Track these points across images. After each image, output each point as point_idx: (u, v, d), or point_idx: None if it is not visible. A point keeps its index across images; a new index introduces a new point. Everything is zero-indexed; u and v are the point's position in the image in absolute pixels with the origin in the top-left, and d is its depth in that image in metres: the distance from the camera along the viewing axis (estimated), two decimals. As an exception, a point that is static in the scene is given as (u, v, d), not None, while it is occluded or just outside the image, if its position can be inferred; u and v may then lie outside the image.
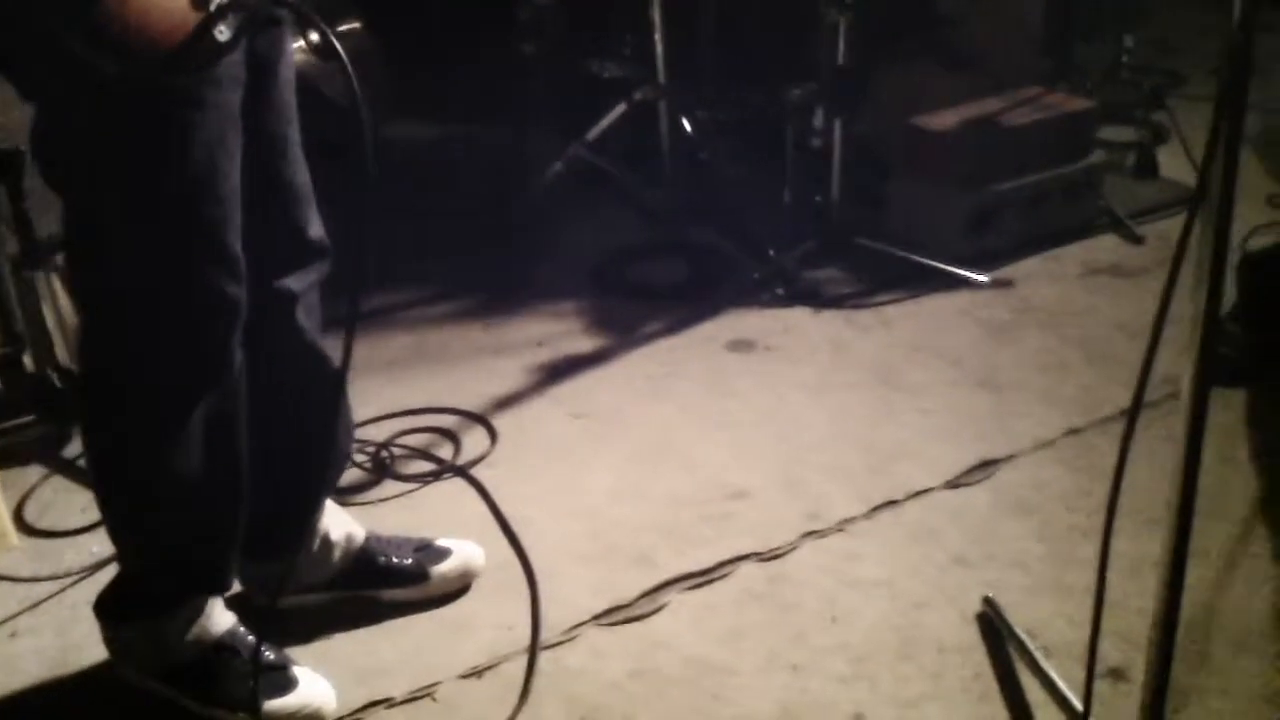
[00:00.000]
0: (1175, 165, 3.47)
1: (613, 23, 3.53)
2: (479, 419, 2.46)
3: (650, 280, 3.01)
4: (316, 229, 1.71)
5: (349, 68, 1.34)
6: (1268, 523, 2.09)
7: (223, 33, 1.30)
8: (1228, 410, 2.41)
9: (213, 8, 1.28)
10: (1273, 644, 1.83)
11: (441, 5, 3.76)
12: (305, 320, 1.73)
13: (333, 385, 1.58)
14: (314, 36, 2.91)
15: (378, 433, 2.41)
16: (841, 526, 2.11)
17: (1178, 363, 2.67)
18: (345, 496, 2.20)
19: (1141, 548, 1.95)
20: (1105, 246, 3.11)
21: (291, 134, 1.65)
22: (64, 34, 1.24)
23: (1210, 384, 1.29)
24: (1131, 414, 1.23)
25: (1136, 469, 1.85)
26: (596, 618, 1.91)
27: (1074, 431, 2.33)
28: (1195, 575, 1.94)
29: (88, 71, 1.27)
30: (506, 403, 2.52)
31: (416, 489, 2.26)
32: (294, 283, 1.69)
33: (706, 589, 1.97)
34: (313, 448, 1.77)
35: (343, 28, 3.21)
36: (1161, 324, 1.19)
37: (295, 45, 1.72)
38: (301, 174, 1.68)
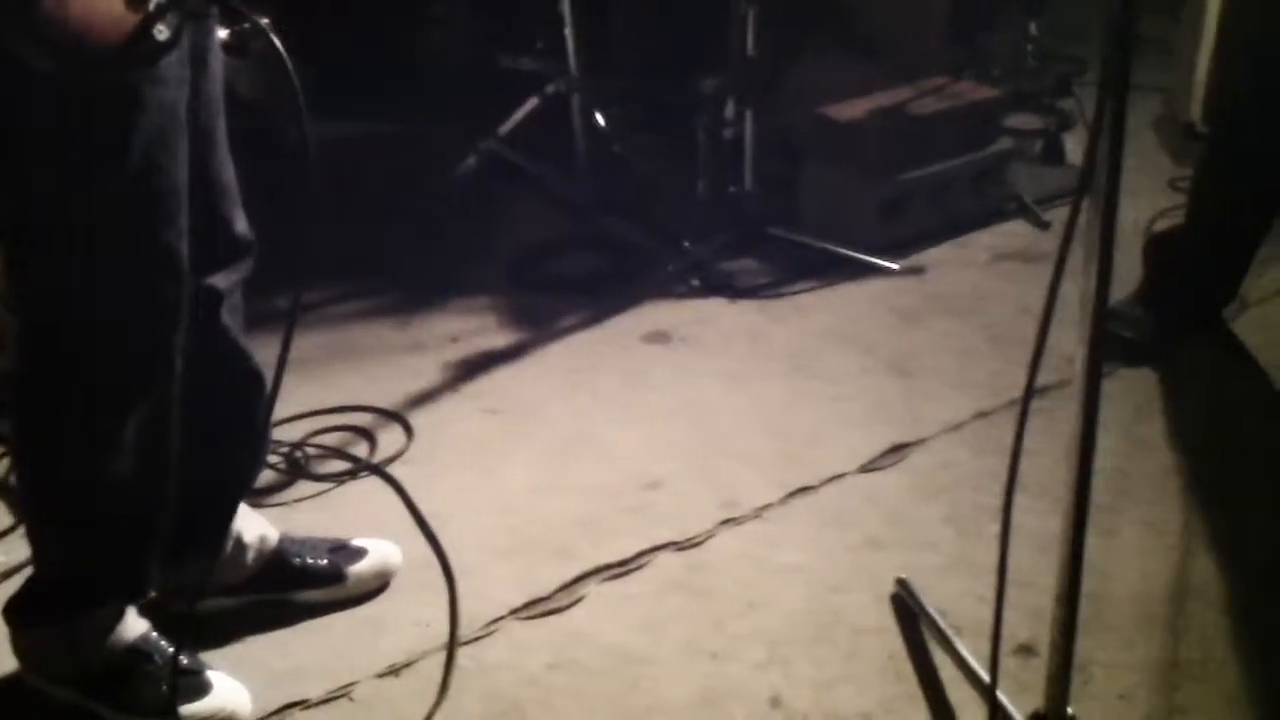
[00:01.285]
0: (1080, 151, 3.54)
1: (524, 16, 3.51)
2: (395, 416, 2.44)
3: (566, 274, 3.01)
4: (242, 225, 1.69)
5: (290, 68, 1.33)
6: (1174, 500, 2.15)
7: (162, 32, 1.29)
8: (1135, 390, 2.47)
9: (152, 7, 1.27)
10: (1177, 616, 1.88)
11: (353, 2, 3.71)
12: (229, 319, 1.71)
13: (253, 385, 1.56)
14: (223, 33, 2.87)
15: (292, 432, 2.38)
16: (758, 513, 2.13)
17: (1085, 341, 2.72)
18: (259, 498, 2.17)
19: (1049, 526, 1.96)
20: (1013, 232, 3.16)
21: (219, 128, 1.63)
22: (4, 35, 1.22)
23: (1101, 364, 1.31)
24: (1025, 397, 1.25)
25: (1044, 449, 1.90)
26: (515, 611, 1.91)
27: (982, 414, 2.37)
28: (1104, 552, 2.00)
29: (27, 72, 1.25)
30: (422, 400, 2.50)
31: (332, 489, 2.24)
32: (220, 281, 1.67)
33: (625, 579, 1.98)
34: (232, 449, 1.75)
35: (249, 25, 3.15)
36: (1051, 308, 1.22)
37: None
38: (228, 169, 1.66)
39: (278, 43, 1.33)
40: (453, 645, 1.83)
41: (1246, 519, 2.09)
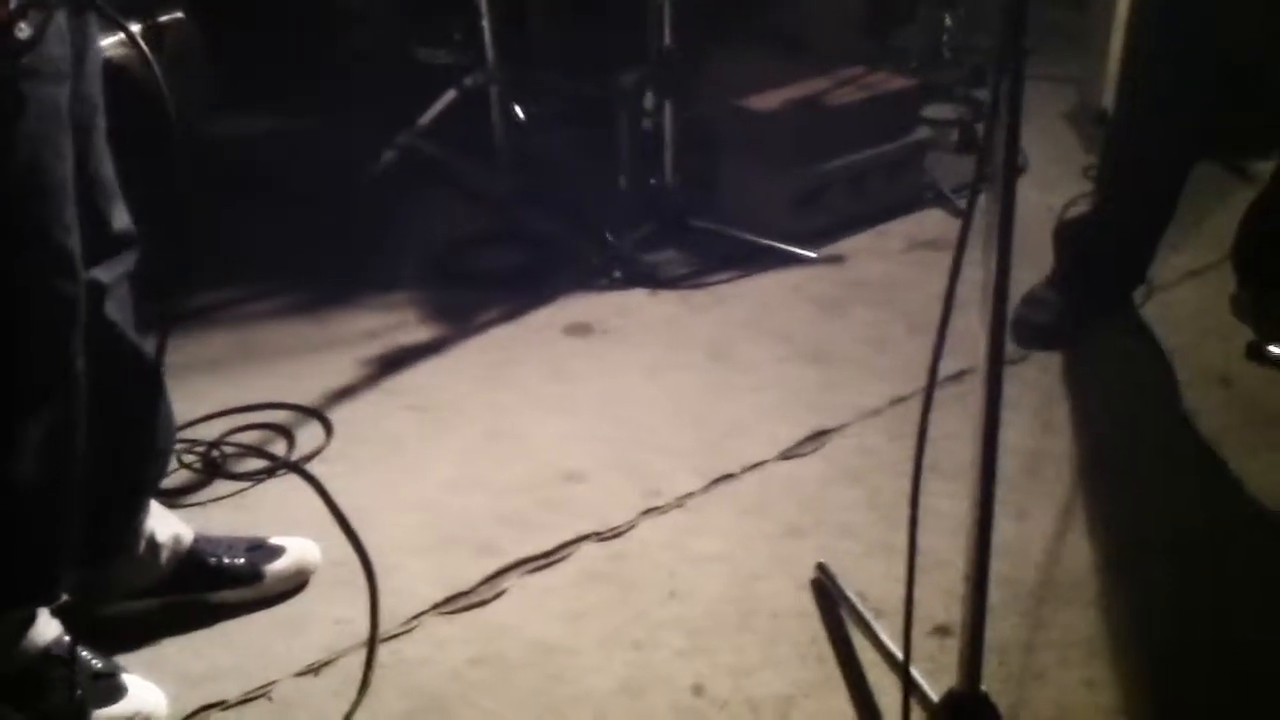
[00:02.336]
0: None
1: (441, 9, 3.49)
2: (314, 414, 2.42)
3: (487, 268, 3.00)
4: (122, 220, 1.67)
5: (150, 57, 1.31)
6: (1086, 481, 2.19)
7: (23, 30, 1.27)
8: (1046, 374, 2.52)
9: (13, 5, 1.25)
10: (1091, 595, 1.92)
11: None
12: (116, 314, 1.68)
13: (149, 381, 1.53)
14: (134, 28, 2.82)
15: (208, 431, 2.35)
16: (679, 503, 2.14)
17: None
18: (174, 498, 2.14)
19: (964, 509, 2.00)
20: (930, 221, 3.20)
21: (99, 125, 1.61)
22: None
23: (1003, 349, 1.34)
24: (929, 384, 1.27)
25: (959, 432, 1.91)
26: (436, 607, 1.90)
27: (899, 400, 2.40)
28: (1019, 534, 2.04)
29: None
30: (341, 397, 2.48)
31: (249, 487, 2.21)
32: (102, 274, 1.64)
33: (547, 572, 1.98)
34: (131, 447, 1.72)
35: (164, 18, 3.10)
36: (952, 294, 1.24)
37: (113, 39, 1.68)
38: (106, 166, 1.63)
39: (145, 48, 1.32)
40: (373, 642, 1.82)
41: (1152, 497, 2.14)
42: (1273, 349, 2.50)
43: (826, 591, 1.90)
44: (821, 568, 1.93)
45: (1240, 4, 2.35)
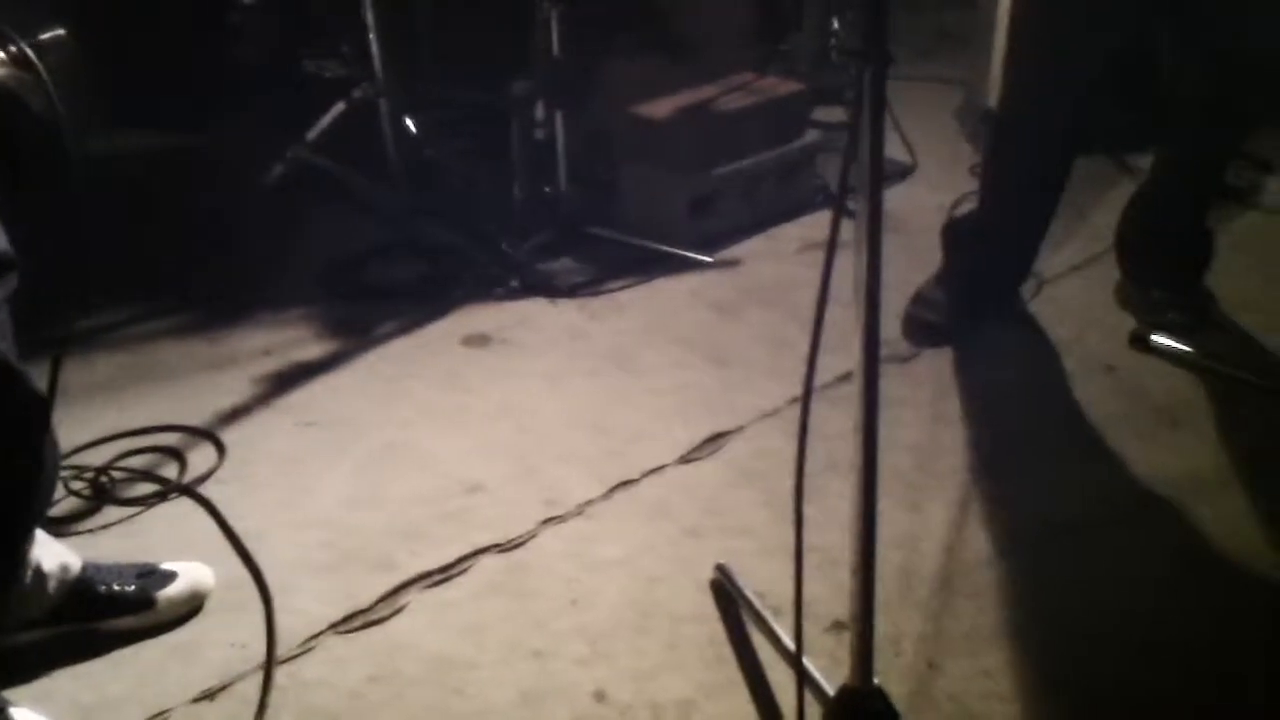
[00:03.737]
0: (888, 143, 3.64)
1: (329, 22, 3.46)
2: (205, 435, 2.37)
3: (382, 281, 2.97)
4: (0, 242, 1.62)
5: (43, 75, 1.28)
6: (979, 472, 2.23)
7: None
8: (937, 370, 2.56)
9: None
10: (986, 585, 1.95)
11: (151, 11, 3.59)
12: (-6, 338, 1.63)
13: (33, 407, 1.49)
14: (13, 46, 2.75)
15: (97, 457, 2.29)
16: (580, 510, 2.14)
17: (892, 326, 2.82)
18: (62, 526, 2.10)
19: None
20: (822, 222, 3.24)
21: None
22: None
23: (878, 346, 1.36)
24: (807, 383, 1.29)
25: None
26: (334, 626, 1.87)
27: (796, 400, 2.43)
28: (914, 527, 2.08)
29: None
30: (234, 416, 2.43)
31: (140, 513, 2.16)
32: None
33: (446, 586, 1.96)
34: (14, 475, 1.67)
35: (45, 37, 3.02)
36: (825, 294, 1.26)
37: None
38: None
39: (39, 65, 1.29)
40: (269, 665, 1.79)
41: (1045, 485, 2.19)
42: (1155, 338, 2.57)
43: (726, 592, 1.91)
44: (721, 569, 1.94)
45: (1109, 2, 2.42)
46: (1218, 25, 2.37)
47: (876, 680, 1.51)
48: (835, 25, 3.89)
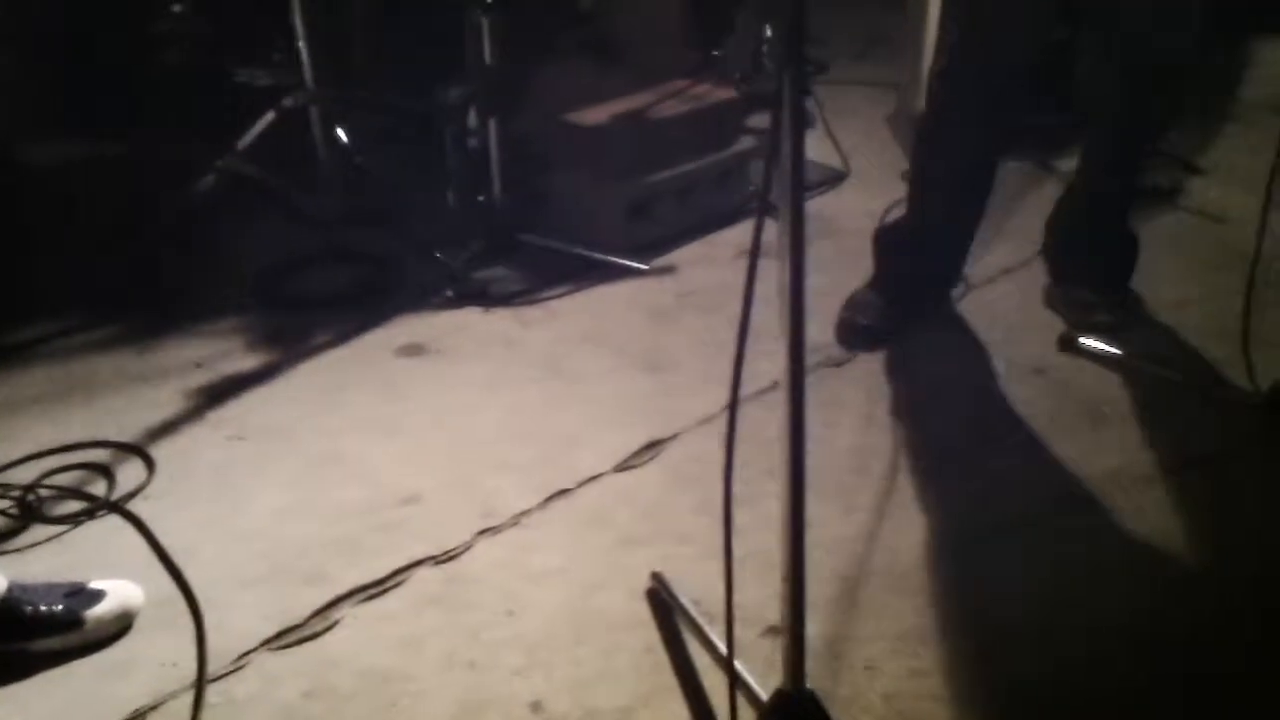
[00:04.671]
0: (820, 148, 3.68)
1: (260, 29, 3.42)
2: (135, 450, 2.33)
3: (315, 291, 2.95)
4: None
5: None
6: (912, 473, 2.26)
7: None
8: (870, 373, 2.59)
9: None
10: (919, 585, 1.97)
11: (78, 19, 3.54)
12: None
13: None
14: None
15: (24, 475, 2.25)
16: (516, 520, 2.13)
17: (827, 330, 2.84)
18: (-14, 547, 2.06)
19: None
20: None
21: None
22: None
23: (803, 350, 1.37)
24: (733, 388, 1.30)
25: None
26: (267, 642, 1.85)
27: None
28: (848, 530, 2.09)
29: None
30: (164, 431, 2.40)
31: (68, 531, 2.12)
32: None
33: (381, 599, 1.95)
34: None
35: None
36: (749, 301, 1.27)
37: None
38: None
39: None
40: (201, 683, 1.76)
41: (977, 485, 2.22)
42: (1083, 339, 2.62)
43: (662, 599, 1.91)
44: (657, 576, 1.94)
45: (1033, 6, 2.46)
46: (1128, 33, 2.43)
47: (810, 683, 1.52)
48: (768, 32, 3.91)
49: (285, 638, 1.86)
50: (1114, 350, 2.58)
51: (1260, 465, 2.26)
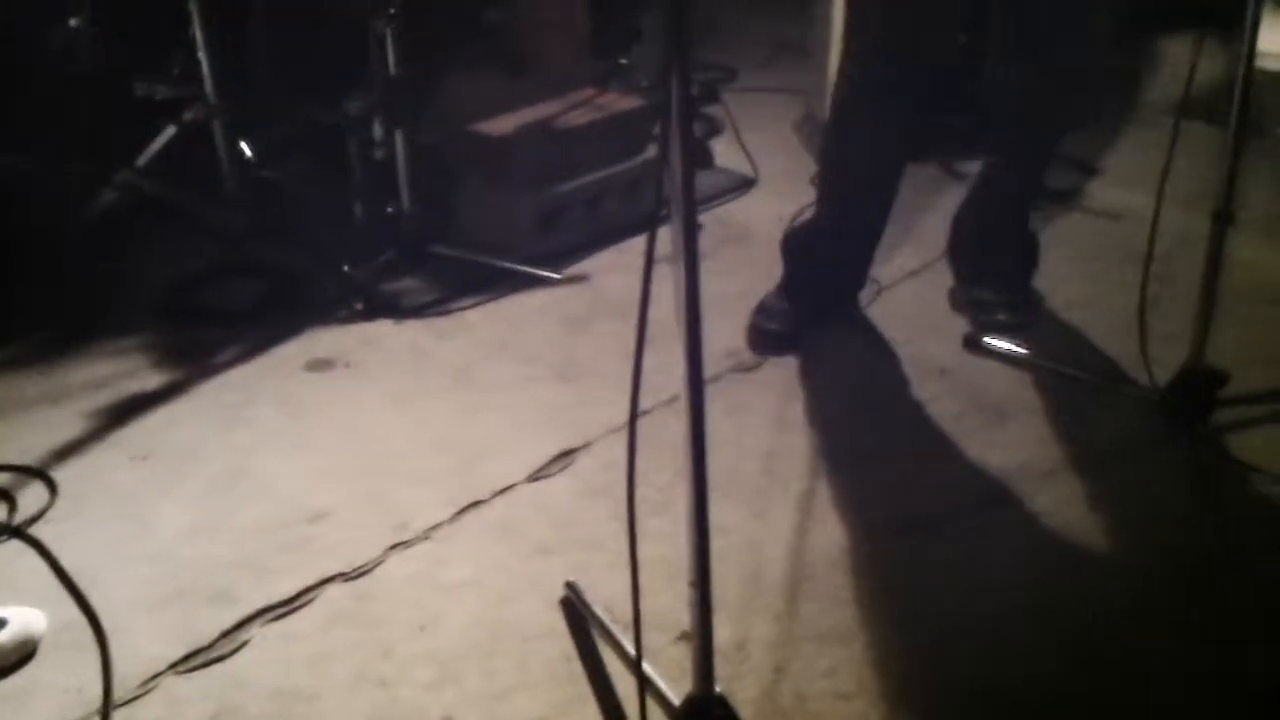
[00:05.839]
0: (729, 155, 3.71)
1: (160, 42, 3.36)
2: (36, 473, 2.28)
3: (220, 306, 2.90)
4: None
5: None
6: (823, 475, 2.28)
7: None
8: (781, 377, 2.61)
9: None
10: (830, 587, 1.99)
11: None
12: None
13: None
14: None
15: (-81, 502, 2.20)
16: (427, 534, 2.12)
17: (737, 336, 2.86)
18: (-121, 577, 1.99)
19: (712, 515, 2.06)
20: (668, 235, 3.26)
21: None
22: None
23: (701, 357, 1.39)
24: (633, 402, 1.30)
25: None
26: (173, 666, 1.82)
27: (644, 413, 2.44)
28: (760, 534, 2.11)
29: None
30: (66, 453, 2.35)
31: (-34, 558, 2.08)
32: None
33: (290, 618, 1.92)
34: None
35: None
36: (645, 310, 1.28)
37: None
38: None
39: None
40: (106, 709, 1.72)
41: (887, 486, 2.25)
42: (987, 339, 2.67)
43: (576, 608, 1.92)
44: (570, 585, 1.94)
45: (941, 9, 2.50)
46: (1030, 37, 2.48)
47: (721, 687, 1.53)
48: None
49: (192, 660, 1.84)
50: (1017, 349, 2.63)
51: (1156, 459, 2.32)
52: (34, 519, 2.16)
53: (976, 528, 2.14)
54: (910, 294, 2.94)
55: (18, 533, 2.12)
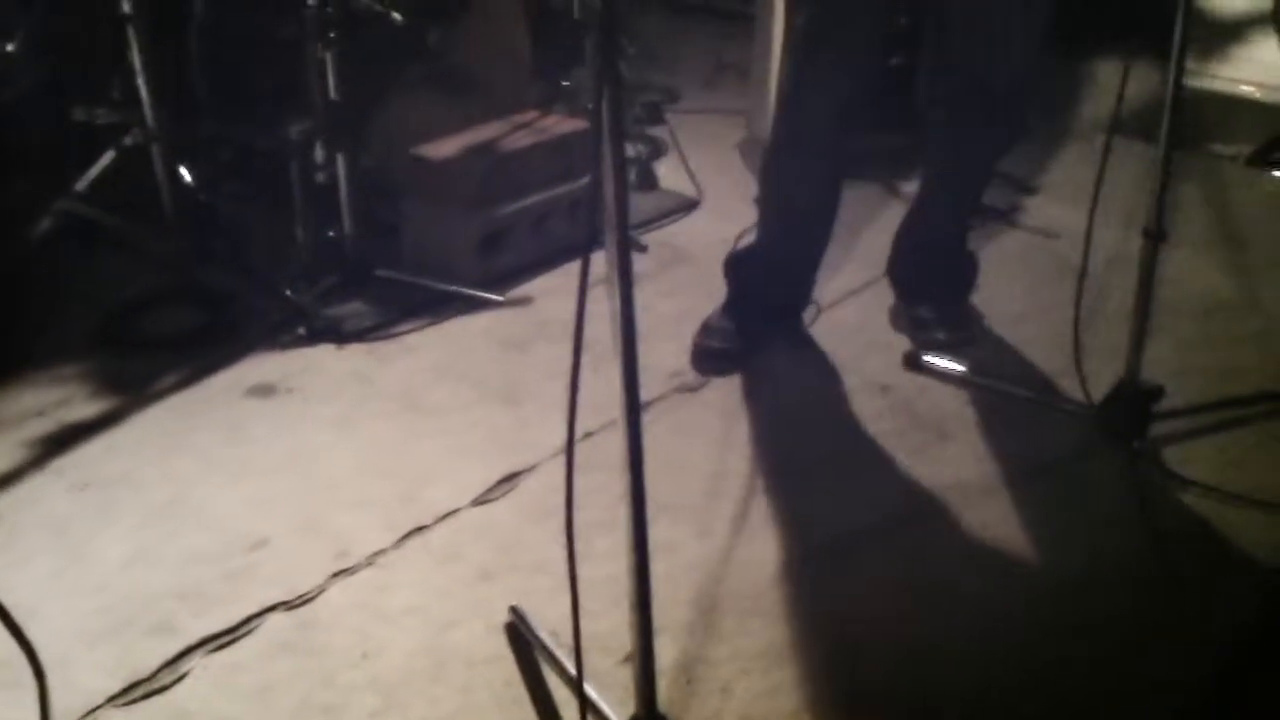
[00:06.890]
0: (673, 177, 3.73)
1: (97, 66, 3.33)
2: (-30, 505, 2.25)
3: (160, 332, 2.87)
4: None
5: None
6: (766, 494, 2.30)
7: None
8: (725, 397, 2.63)
9: None
10: (773, 604, 2.01)
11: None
12: None
13: None
14: None
15: None
16: (371, 560, 2.11)
17: (681, 356, 2.87)
18: None
19: (660, 536, 2.07)
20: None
21: None
22: None
23: (636, 376, 1.40)
24: (570, 425, 1.31)
25: (648, 460, 1.99)
26: (113, 699, 1.80)
27: (588, 435, 2.44)
28: (703, 553, 2.12)
29: None
30: (3, 483, 2.31)
31: (-102, 593, 2.03)
32: None
33: (232, 648, 1.91)
34: None
35: None
36: (580, 333, 1.29)
37: None
38: None
39: None
40: (43, 745, 1.70)
41: (829, 502, 2.27)
42: (926, 357, 2.70)
43: (520, 633, 1.91)
44: (515, 610, 1.94)
45: (875, 32, 2.53)
46: (963, 57, 2.52)
47: (665, 708, 1.54)
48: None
49: (132, 692, 1.81)
50: (956, 367, 2.66)
51: (1093, 474, 2.35)
52: (-31, 552, 2.13)
53: (917, 544, 2.16)
54: (852, 312, 2.97)
55: (-48, 566, 2.09)
